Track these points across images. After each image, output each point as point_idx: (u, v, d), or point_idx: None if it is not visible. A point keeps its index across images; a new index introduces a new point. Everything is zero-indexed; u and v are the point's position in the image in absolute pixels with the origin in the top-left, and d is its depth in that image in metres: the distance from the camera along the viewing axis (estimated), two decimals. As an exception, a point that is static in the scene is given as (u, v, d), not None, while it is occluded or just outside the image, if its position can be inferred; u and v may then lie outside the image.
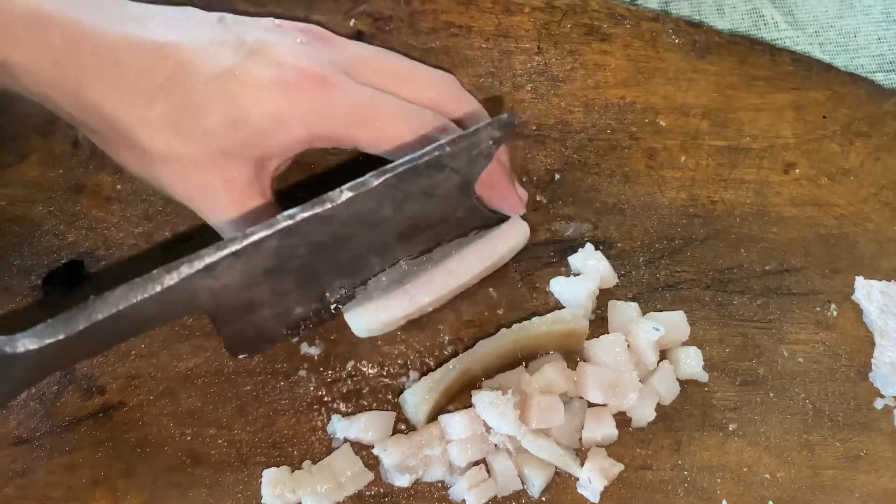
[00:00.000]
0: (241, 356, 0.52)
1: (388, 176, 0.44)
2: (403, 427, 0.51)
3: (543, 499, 0.49)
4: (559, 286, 0.54)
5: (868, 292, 0.54)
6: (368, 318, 0.52)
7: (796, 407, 0.52)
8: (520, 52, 0.62)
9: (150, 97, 0.45)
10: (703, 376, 0.52)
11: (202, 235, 0.48)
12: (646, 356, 0.51)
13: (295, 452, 0.50)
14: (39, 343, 0.39)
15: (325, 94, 0.46)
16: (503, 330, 0.52)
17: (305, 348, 0.53)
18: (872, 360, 0.53)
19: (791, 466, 0.51)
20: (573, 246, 0.56)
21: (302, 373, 0.53)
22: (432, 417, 0.50)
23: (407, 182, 0.46)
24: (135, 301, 0.41)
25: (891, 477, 0.50)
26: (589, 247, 0.55)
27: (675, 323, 0.53)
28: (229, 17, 0.49)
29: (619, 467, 0.49)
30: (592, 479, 0.48)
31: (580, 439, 0.50)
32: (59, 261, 0.54)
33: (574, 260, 0.55)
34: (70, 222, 0.55)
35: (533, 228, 0.57)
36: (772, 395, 0.53)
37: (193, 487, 0.49)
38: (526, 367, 0.52)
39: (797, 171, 0.59)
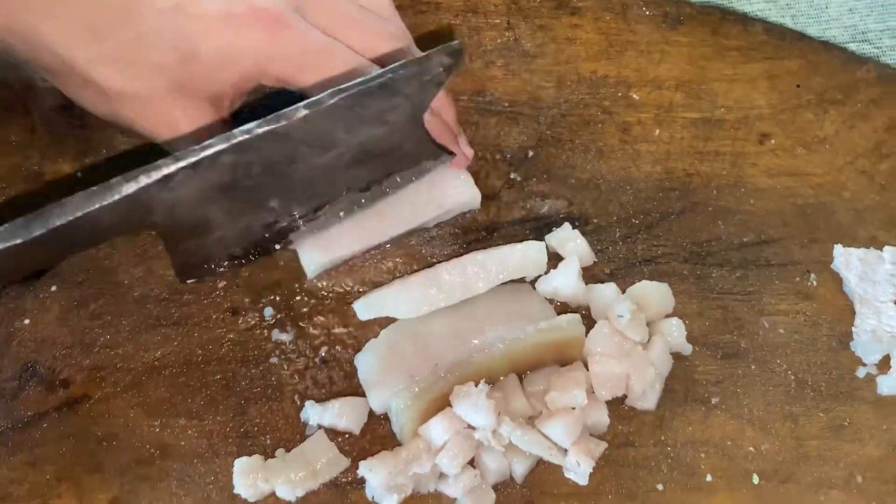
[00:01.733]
0: (189, 281, 0.52)
1: (342, 95, 0.45)
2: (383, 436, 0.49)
3: (525, 490, 0.48)
4: (549, 286, 0.53)
5: (847, 260, 0.53)
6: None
7: (779, 378, 0.52)
8: (489, 28, 0.61)
9: (101, 33, 0.45)
10: (687, 348, 0.51)
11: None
12: (632, 336, 0.50)
13: (268, 441, 0.49)
14: None
15: (276, 34, 0.46)
16: (497, 344, 0.49)
17: (277, 335, 0.52)
18: (853, 329, 0.53)
19: (775, 438, 0.50)
20: (548, 223, 0.55)
21: (273, 360, 0.51)
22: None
23: (360, 105, 0.46)
24: (92, 209, 0.42)
25: (875, 445, 0.50)
26: (566, 226, 0.54)
27: (658, 295, 0.52)
28: None
29: (603, 445, 0.48)
30: (580, 461, 0.47)
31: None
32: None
33: (551, 239, 0.54)
34: (29, 211, 0.53)
35: (507, 206, 0.56)
36: (754, 367, 0.52)
37: (163, 480, 0.47)
38: (521, 379, 0.50)
39: (772, 141, 0.58)
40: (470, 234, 0.55)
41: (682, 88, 0.59)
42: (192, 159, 0.43)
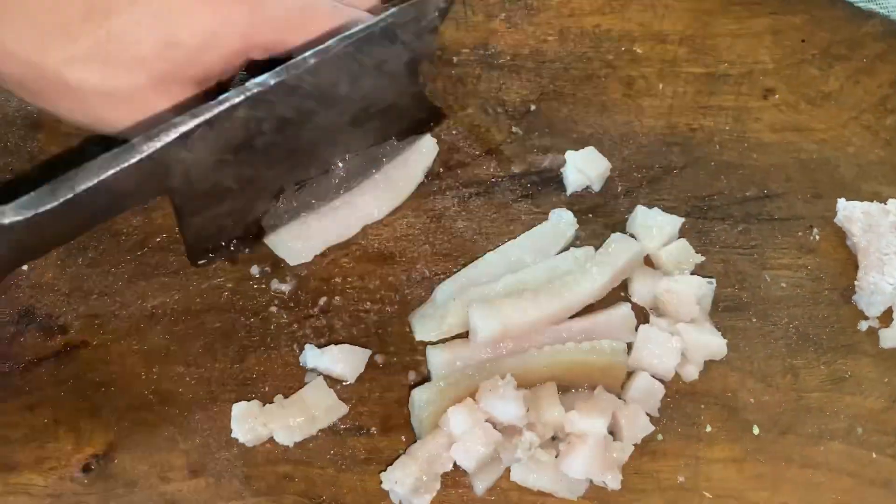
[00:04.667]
0: (200, 262, 0.51)
1: (347, 42, 0.45)
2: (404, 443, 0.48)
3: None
4: (571, 168, 0.54)
5: (850, 214, 0.53)
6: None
7: (780, 332, 0.51)
8: (492, -19, 0.60)
9: (71, 32, 0.42)
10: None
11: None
12: (688, 312, 0.49)
13: (266, 389, 0.49)
14: (26, 214, 0.40)
15: (256, 4, 0.44)
16: (532, 351, 0.48)
17: (276, 284, 0.51)
18: (856, 283, 0.52)
19: (776, 391, 0.50)
20: (550, 177, 0.55)
21: (273, 309, 0.51)
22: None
23: (362, 51, 0.46)
24: (116, 170, 0.41)
25: (876, 398, 0.50)
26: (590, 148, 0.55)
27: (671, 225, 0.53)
28: None
29: (628, 451, 0.47)
30: (607, 481, 0.45)
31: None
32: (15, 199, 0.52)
33: (572, 157, 0.54)
34: (27, 159, 0.53)
35: (509, 160, 0.56)
36: (755, 320, 0.52)
37: (161, 425, 0.47)
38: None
39: (776, 96, 0.58)
40: (471, 188, 0.55)
41: (686, 43, 0.59)
42: (209, 115, 0.43)
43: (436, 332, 0.49)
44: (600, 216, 0.54)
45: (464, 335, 0.49)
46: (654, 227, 0.52)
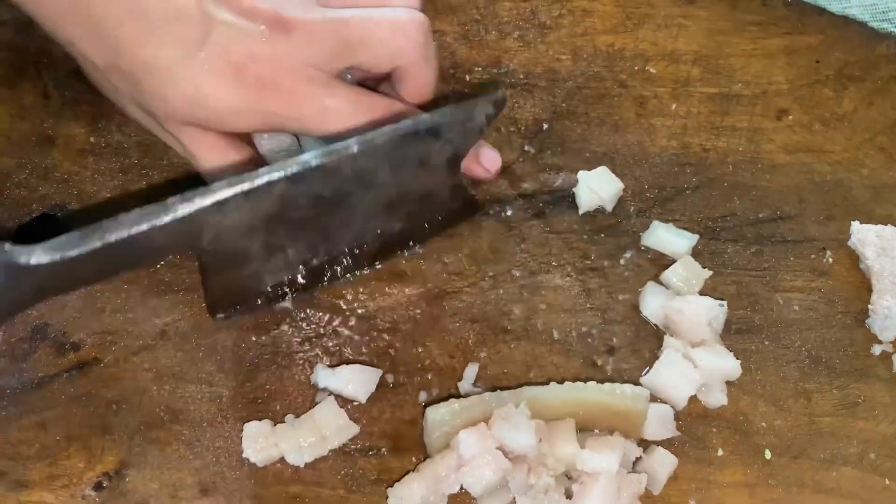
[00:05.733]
0: (219, 317, 0.51)
1: (392, 136, 0.46)
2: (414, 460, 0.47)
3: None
4: (584, 188, 0.54)
5: (864, 237, 0.53)
6: None
7: (792, 355, 0.51)
8: (505, -1, 0.60)
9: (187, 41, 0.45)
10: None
11: (178, 188, 0.46)
12: (699, 334, 0.49)
13: (277, 407, 0.49)
14: (52, 257, 0.40)
15: (279, 101, 0.46)
16: (553, 383, 0.48)
17: (287, 303, 0.51)
18: (870, 306, 0.52)
19: (788, 414, 0.49)
20: (562, 197, 0.55)
21: (284, 327, 0.51)
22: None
23: (407, 145, 0.47)
24: (147, 227, 0.42)
25: (889, 423, 0.49)
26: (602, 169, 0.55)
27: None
28: None
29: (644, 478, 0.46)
30: None
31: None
32: (30, 214, 0.52)
33: (585, 177, 0.54)
34: (41, 175, 0.53)
35: (520, 179, 0.56)
36: (767, 343, 0.51)
37: (172, 443, 0.47)
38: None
39: (790, 117, 0.58)
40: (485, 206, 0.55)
41: (700, 63, 0.59)
42: (247, 186, 0.44)
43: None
44: (612, 236, 0.54)
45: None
46: (669, 243, 0.52)
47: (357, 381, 0.49)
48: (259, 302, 0.51)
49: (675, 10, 0.60)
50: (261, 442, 0.46)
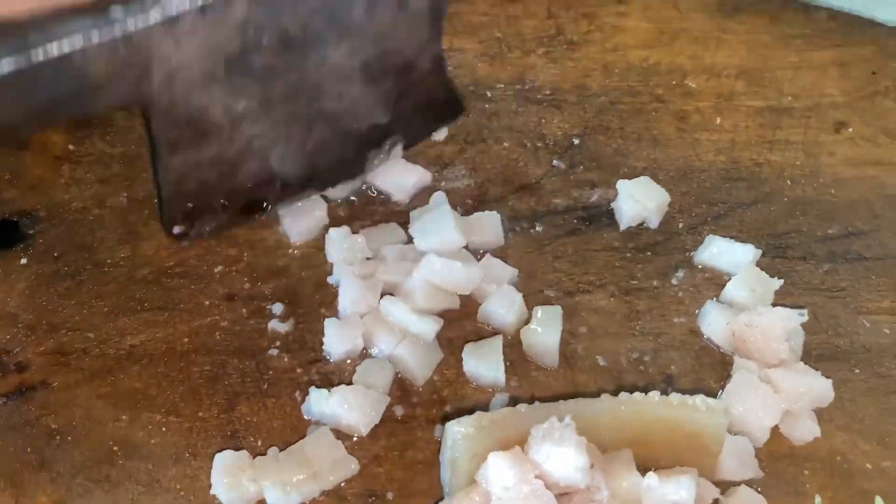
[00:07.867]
0: (177, 230, 0.43)
1: None
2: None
3: None
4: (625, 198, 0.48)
5: (958, 248, 0.45)
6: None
7: (892, 384, 0.42)
8: (528, 17, 0.56)
9: None
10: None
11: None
12: (776, 351, 0.41)
13: (259, 443, 0.40)
14: None
15: None
16: (604, 396, 0.38)
17: (276, 325, 0.43)
18: (976, 326, 0.43)
19: (896, 454, 0.40)
20: (598, 213, 0.48)
21: (273, 351, 0.43)
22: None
23: None
24: (84, 41, 0.33)
25: None
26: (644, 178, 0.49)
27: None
28: None
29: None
30: None
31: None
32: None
33: (625, 186, 0.48)
34: (8, 179, 0.47)
35: (550, 194, 0.49)
36: (858, 371, 0.43)
37: (123, 483, 0.38)
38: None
39: (850, 129, 0.52)
40: (510, 223, 0.48)
41: (744, 76, 0.54)
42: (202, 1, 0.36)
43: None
44: (660, 254, 0.47)
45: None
46: (728, 257, 0.44)
47: (359, 407, 0.39)
48: (227, 209, 0.43)
49: (712, 25, 0.56)
50: (236, 476, 0.37)
